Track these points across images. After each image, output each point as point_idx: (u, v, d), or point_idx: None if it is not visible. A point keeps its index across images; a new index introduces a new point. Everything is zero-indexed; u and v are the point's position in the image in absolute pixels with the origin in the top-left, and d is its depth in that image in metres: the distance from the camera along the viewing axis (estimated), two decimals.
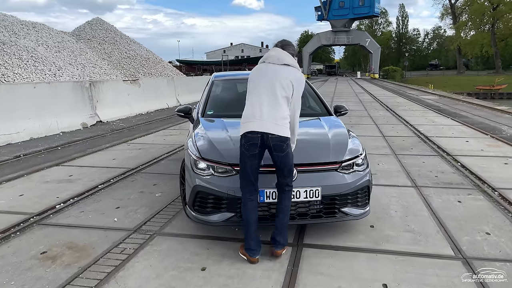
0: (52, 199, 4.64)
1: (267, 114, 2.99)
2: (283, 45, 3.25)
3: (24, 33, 14.46)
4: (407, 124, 10.80)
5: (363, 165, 3.65)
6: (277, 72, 3.09)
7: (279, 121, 2.99)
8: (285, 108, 3.05)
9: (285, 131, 3.01)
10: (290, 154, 3.06)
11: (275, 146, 2.97)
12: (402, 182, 5.32)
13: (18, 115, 8.36)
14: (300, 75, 3.17)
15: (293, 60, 3.17)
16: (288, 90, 3.05)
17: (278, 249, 3.15)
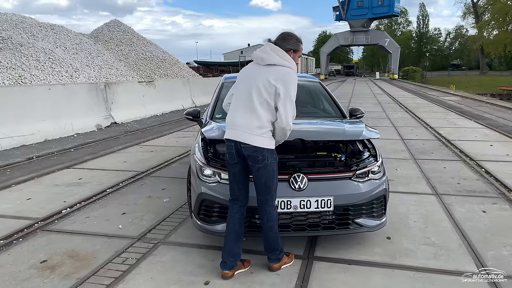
0: (59, 204, 4.55)
1: (240, 122, 2.75)
2: (279, 39, 2.84)
3: (42, 35, 14.63)
4: (427, 127, 10.43)
5: (379, 173, 3.42)
6: (258, 74, 2.76)
7: (253, 130, 2.70)
8: (263, 115, 2.71)
9: (261, 141, 2.70)
10: (269, 168, 2.74)
11: (249, 156, 2.73)
12: (422, 189, 5.04)
13: (33, 117, 8.39)
14: (285, 73, 2.70)
15: (282, 57, 2.74)
16: (269, 94, 2.69)
17: (272, 263, 2.99)
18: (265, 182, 2.76)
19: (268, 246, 2.94)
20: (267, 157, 2.71)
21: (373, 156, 3.52)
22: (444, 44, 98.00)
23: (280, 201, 3.04)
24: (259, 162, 2.70)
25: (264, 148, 2.70)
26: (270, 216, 2.84)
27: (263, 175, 2.74)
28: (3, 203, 4.60)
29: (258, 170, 2.73)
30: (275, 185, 2.81)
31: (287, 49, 2.79)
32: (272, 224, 2.86)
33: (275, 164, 2.79)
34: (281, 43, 2.81)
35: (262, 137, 2.71)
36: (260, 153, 2.69)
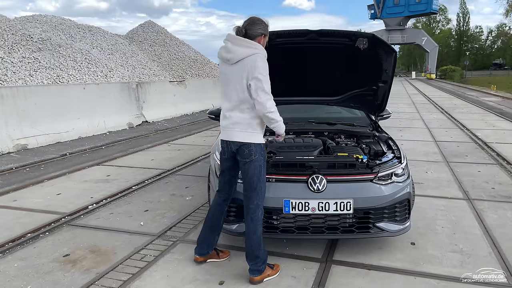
0: (86, 199, 4.68)
1: (228, 122, 2.79)
2: (248, 24, 2.70)
3: (80, 36, 15.19)
4: (463, 128, 10.00)
5: (403, 176, 3.29)
6: (231, 75, 2.69)
7: (240, 127, 2.73)
8: (247, 112, 2.71)
9: (247, 136, 2.72)
10: (256, 164, 2.71)
11: (237, 151, 2.77)
12: (453, 193, 4.82)
13: (68, 115, 8.71)
14: (252, 63, 2.59)
15: (247, 46, 2.62)
16: (247, 91, 2.65)
17: (252, 275, 2.80)
18: (251, 178, 2.74)
19: (250, 252, 2.78)
20: (253, 152, 2.71)
21: (397, 158, 3.39)
22: (486, 42, 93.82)
23: (298, 202, 2.99)
24: (245, 157, 2.72)
25: (250, 143, 2.71)
26: (254, 216, 2.76)
27: (249, 170, 2.73)
28: (35, 198, 4.78)
29: (245, 165, 2.75)
30: (262, 182, 2.77)
31: (258, 33, 2.71)
32: (256, 226, 2.77)
33: (263, 161, 2.77)
34: (251, 28, 2.69)
35: (248, 132, 2.73)
36: (247, 147, 2.71)
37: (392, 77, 3.73)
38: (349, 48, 3.50)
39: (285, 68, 3.79)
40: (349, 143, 3.76)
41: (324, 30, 3.37)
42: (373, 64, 3.66)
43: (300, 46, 3.51)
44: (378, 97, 3.97)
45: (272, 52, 3.57)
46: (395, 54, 3.50)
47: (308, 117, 4.33)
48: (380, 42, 3.45)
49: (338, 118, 4.29)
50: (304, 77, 3.87)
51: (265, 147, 2.98)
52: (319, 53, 3.61)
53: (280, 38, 3.44)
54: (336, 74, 3.88)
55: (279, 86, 3.99)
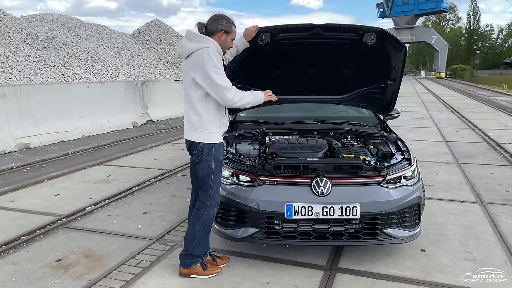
0: (85, 201, 4.56)
1: (185, 119, 2.79)
2: (209, 20, 2.69)
3: (86, 35, 15.15)
4: (475, 128, 9.73)
5: (413, 178, 3.10)
6: (184, 71, 2.71)
7: (191, 124, 2.71)
8: (199, 109, 2.65)
9: (196, 135, 2.69)
10: (205, 164, 2.69)
11: (188, 149, 2.79)
12: (465, 196, 4.61)
13: (72, 114, 8.62)
14: (199, 58, 2.53)
15: (197, 41, 2.58)
16: (195, 87, 2.62)
17: (180, 266, 2.85)
18: (202, 178, 2.73)
19: (184, 241, 2.83)
20: (202, 152, 2.67)
21: (407, 160, 3.21)
22: (497, 41, 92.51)
23: (301, 207, 2.82)
24: (195, 156, 2.72)
25: (199, 143, 2.68)
26: (198, 213, 2.77)
27: (200, 170, 2.72)
28: (32, 199, 4.67)
29: (196, 164, 2.75)
30: (212, 183, 2.73)
31: (218, 29, 2.66)
32: (195, 221, 2.77)
33: (213, 162, 2.71)
34: (211, 23, 2.68)
35: (197, 131, 2.68)
36: (195, 147, 2.69)
37: (401, 74, 3.54)
38: (356, 44, 3.31)
39: (288, 65, 3.62)
40: (356, 144, 3.58)
41: (329, 25, 3.19)
42: (381, 60, 3.47)
43: (304, 41, 3.34)
44: (387, 95, 3.77)
45: (274, 48, 3.42)
46: (404, 50, 3.31)
47: (312, 116, 4.16)
48: (389, 37, 3.26)
49: (344, 118, 4.10)
50: (308, 74, 3.69)
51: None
52: (324, 49, 3.43)
53: (282, 33, 3.27)
54: (342, 71, 3.69)
55: (282, 84, 3.84)
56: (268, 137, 3.81)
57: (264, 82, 3.79)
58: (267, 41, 3.30)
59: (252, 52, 3.36)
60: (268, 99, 2.92)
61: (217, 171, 2.78)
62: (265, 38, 3.27)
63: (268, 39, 3.29)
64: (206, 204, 2.76)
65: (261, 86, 3.82)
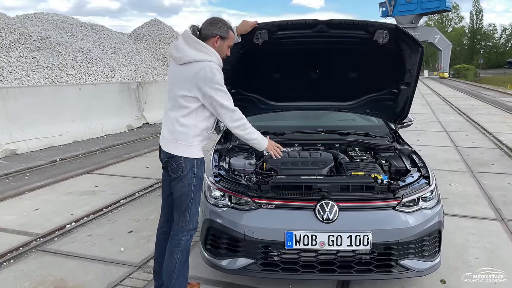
0: (65, 217, 4.16)
1: (164, 127, 2.44)
2: (205, 24, 2.38)
3: (82, 35, 14.75)
4: (485, 132, 9.29)
5: (432, 200, 2.70)
6: (176, 78, 2.35)
7: (173, 134, 2.35)
8: (186, 121, 2.33)
9: (177, 147, 2.33)
10: (184, 182, 2.33)
11: (166, 163, 2.41)
12: (483, 212, 4.20)
13: (63, 118, 8.22)
14: (203, 73, 2.23)
15: (200, 50, 2.27)
16: (190, 99, 2.29)
17: None
18: (180, 197, 2.36)
19: (164, 277, 2.43)
20: (182, 167, 2.32)
21: (425, 178, 2.80)
22: (500, 40, 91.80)
23: (303, 235, 2.42)
24: (174, 172, 2.35)
25: (179, 157, 2.32)
26: (175, 239, 2.40)
27: (177, 188, 2.36)
28: (9, 214, 4.27)
29: (173, 181, 2.38)
30: (192, 204, 2.38)
31: (213, 34, 2.35)
32: (172, 248, 2.40)
33: (194, 179, 2.36)
34: (207, 27, 2.37)
35: (179, 143, 2.33)
36: (175, 161, 2.33)
37: (416, 78, 3.12)
38: (365, 43, 2.90)
39: (289, 67, 3.21)
40: (365, 158, 3.17)
41: (335, 21, 2.77)
42: (394, 62, 3.05)
43: (307, 40, 2.92)
44: (399, 102, 3.35)
45: (272, 47, 3.00)
46: (421, 50, 2.89)
47: (316, 125, 3.74)
48: (404, 35, 2.84)
49: (352, 127, 3.68)
50: (311, 78, 3.27)
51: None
52: (329, 49, 3.01)
53: (281, 31, 2.85)
54: (350, 75, 3.27)
55: (282, 89, 3.43)
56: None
57: (262, 87, 3.39)
58: (264, 39, 2.88)
59: (248, 52, 2.95)
60: (272, 151, 2.58)
61: (197, 190, 2.41)
62: (262, 36, 2.86)
63: (265, 37, 2.87)
64: (184, 228, 2.40)
65: (257, 91, 3.43)
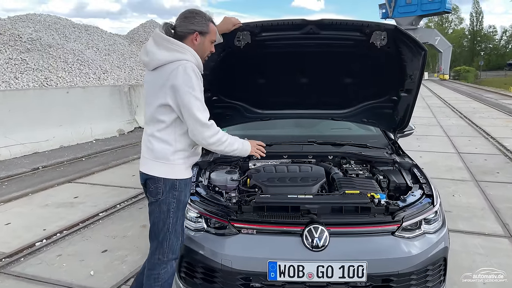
0: (37, 233, 3.83)
1: (142, 142, 2.12)
2: (179, 19, 2.04)
3: (75, 36, 14.45)
4: (488, 137, 8.97)
5: (436, 222, 2.38)
6: (148, 86, 2.06)
7: (151, 153, 2.04)
8: (163, 135, 2.00)
9: (156, 167, 2.01)
10: (162, 207, 2.02)
11: (145, 185, 2.10)
12: (490, 227, 3.87)
13: (49, 122, 7.90)
14: (173, 74, 1.88)
15: (170, 49, 1.93)
16: (162, 109, 1.96)
17: None
18: (156, 224, 2.05)
19: None
20: (161, 189, 2.02)
21: (428, 196, 2.47)
22: (500, 42, 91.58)
23: (289, 265, 2.10)
24: (151, 195, 2.05)
25: (159, 178, 2.01)
26: (152, 274, 2.08)
27: (154, 212, 2.05)
28: None
29: (150, 205, 2.08)
30: (171, 233, 2.07)
31: (190, 30, 2.00)
32: (151, 284, 2.08)
33: (174, 203, 2.05)
34: (181, 23, 2.02)
35: (158, 162, 2.01)
36: (153, 183, 2.03)
37: (418, 84, 2.80)
38: (361, 45, 2.57)
39: (276, 72, 2.88)
40: (361, 172, 2.84)
41: (327, 21, 2.44)
42: (393, 67, 2.73)
43: (295, 43, 2.60)
44: (399, 110, 3.02)
45: (256, 50, 2.67)
46: (424, 54, 2.57)
47: (308, 135, 3.42)
48: (405, 36, 2.52)
49: (347, 137, 3.35)
50: (301, 84, 2.94)
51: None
52: (320, 53, 2.68)
53: (265, 33, 2.53)
54: (344, 81, 2.94)
55: (269, 95, 3.10)
56: (252, 161, 3.07)
57: (246, 94, 3.06)
58: (247, 42, 2.56)
59: (229, 56, 2.63)
60: (255, 153, 2.30)
61: (177, 217, 2.09)
62: (244, 38, 2.53)
63: (248, 39, 2.54)
64: (162, 260, 2.09)
65: (242, 98, 3.10)
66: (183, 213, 2.15)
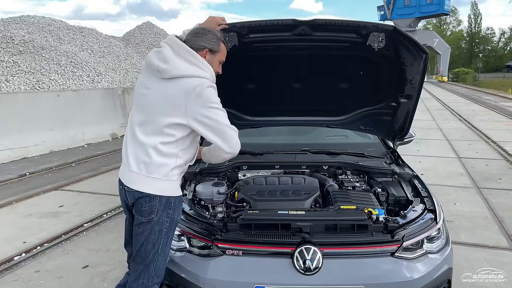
0: (16, 246, 3.63)
1: (129, 156, 1.87)
2: (190, 34, 1.91)
3: (69, 38, 14.24)
4: (489, 141, 8.79)
5: (440, 240, 2.19)
6: (157, 93, 1.82)
7: (144, 167, 1.82)
8: (166, 148, 1.81)
9: (153, 185, 1.82)
10: (155, 227, 1.84)
11: (133, 205, 1.89)
12: (494, 239, 3.68)
13: (38, 126, 7.69)
14: (196, 92, 1.74)
15: (191, 62, 1.80)
16: (174, 125, 1.79)
17: None
18: (143, 245, 1.85)
19: None
20: (157, 209, 1.83)
21: (430, 211, 2.27)
22: (498, 44, 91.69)
23: None
24: (143, 214, 1.84)
25: (155, 196, 1.83)
26: None
27: (144, 233, 1.84)
28: None
29: (140, 226, 1.86)
30: (160, 255, 1.88)
31: (200, 46, 1.88)
32: None
33: (168, 224, 1.87)
34: (192, 38, 1.89)
35: (155, 178, 1.82)
36: (147, 201, 1.83)
37: (419, 90, 2.61)
38: (357, 48, 2.38)
39: (266, 76, 2.68)
40: (358, 184, 2.64)
41: (320, 21, 2.25)
42: (392, 71, 2.54)
43: (286, 45, 2.40)
44: (398, 117, 2.83)
45: (244, 53, 2.48)
46: (425, 57, 2.38)
47: (301, 143, 3.21)
48: (404, 38, 2.32)
49: (343, 145, 3.15)
50: (294, 89, 2.75)
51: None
52: (314, 55, 2.49)
53: (254, 34, 2.33)
54: (340, 85, 2.74)
55: (259, 102, 2.90)
56: (241, 171, 2.87)
57: (235, 99, 2.85)
58: (233, 44, 2.36)
59: None
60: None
61: (168, 237, 1.92)
62: (230, 40, 2.34)
63: (234, 41, 2.35)
64: (146, 285, 1.90)
65: (230, 104, 2.88)
66: (173, 233, 1.96)
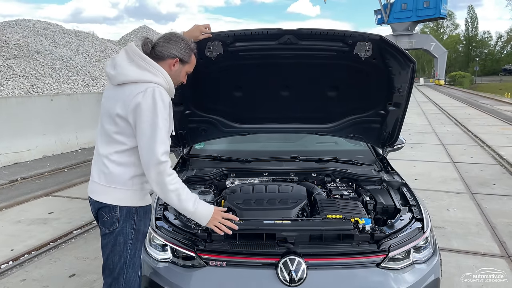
0: (4, 254, 3.59)
1: (93, 165, 1.86)
2: (161, 39, 1.82)
3: (65, 42, 14.23)
4: (483, 145, 8.78)
5: (427, 250, 2.16)
6: (107, 101, 1.80)
7: (104, 177, 1.79)
8: (118, 158, 1.77)
9: (110, 193, 1.78)
10: (119, 239, 1.78)
11: (97, 216, 1.86)
12: (486, 246, 3.65)
13: (31, 131, 7.64)
14: (139, 96, 1.66)
15: (143, 68, 1.72)
16: (120, 130, 1.74)
17: None
18: (111, 258, 1.80)
19: None
20: (117, 219, 1.78)
21: (418, 221, 2.24)
22: (495, 48, 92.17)
23: None
24: (105, 225, 1.80)
25: (115, 206, 1.78)
26: None
27: (108, 245, 1.80)
28: None
29: (104, 237, 1.82)
30: (129, 267, 1.82)
31: (171, 54, 1.81)
32: None
33: (133, 235, 1.81)
34: (164, 44, 1.80)
35: (112, 188, 1.78)
36: (107, 212, 1.79)
37: (408, 97, 2.58)
38: (344, 57, 2.36)
39: (252, 84, 2.65)
40: (346, 192, 2.61)
41: (305, 30, 2.22)
42: (380, 79, 2.51)
43: (271, 54, 2.38)
44: (387, 125, 2.80)
45: (230, 62, 2.46)
46: (413, 66, 2.36)
47: (290, 150, 3.19)
48: (391, 47, 2.30)
49: (332, 152, 3.13)
50: (281, 97, 2.72)
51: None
52: (300, 64, 2.47)
53: (239, 43, 2.31)
54: (328, 94, 2.72)
55: (246, 109, 2.88)
56: (229, 179, 2.85)
57: (222, 107, 2.83)
58: (219, 52, 2.34)
59: (201, 67, 2.40)
60: (214, 228, 1.88)
61: (136, 249, 1.85)
62: (215, 48, 2.31)
63: (220, 50, 2.33)
64: None
65: (218, 112, 2.87)
66: (141, 244, 1.91)
